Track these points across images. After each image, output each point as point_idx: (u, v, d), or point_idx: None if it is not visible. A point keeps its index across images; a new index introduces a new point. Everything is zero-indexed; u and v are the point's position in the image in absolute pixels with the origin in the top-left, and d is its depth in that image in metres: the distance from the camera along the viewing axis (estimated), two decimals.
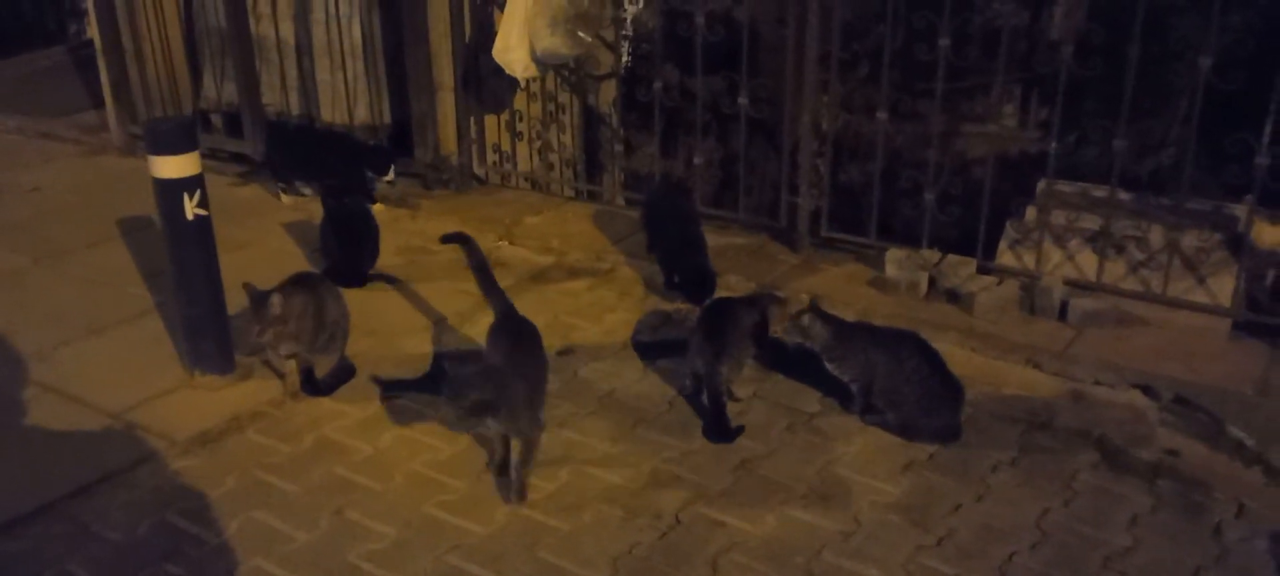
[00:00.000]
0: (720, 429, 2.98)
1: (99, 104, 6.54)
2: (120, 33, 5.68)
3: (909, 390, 2.98)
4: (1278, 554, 2.54)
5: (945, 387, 2.98)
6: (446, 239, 3.33)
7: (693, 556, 2.53)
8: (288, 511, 2.72)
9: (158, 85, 5.77)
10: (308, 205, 4.83)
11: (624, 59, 5.17)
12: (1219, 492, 2.76)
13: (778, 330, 3.20)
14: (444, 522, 2.67)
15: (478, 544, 2.59)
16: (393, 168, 4.76)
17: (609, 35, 4.77)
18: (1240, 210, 3.60)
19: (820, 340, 3.09)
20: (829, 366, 3.10)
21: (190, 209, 3.15)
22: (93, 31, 5.87)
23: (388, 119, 5.24)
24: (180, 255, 3.22)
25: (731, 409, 3.08)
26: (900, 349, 3.02)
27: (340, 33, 5.06)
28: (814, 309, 3.11)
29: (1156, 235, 3.54)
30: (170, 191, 3.14)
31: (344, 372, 3.34)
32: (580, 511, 2.70)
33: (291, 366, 3.25)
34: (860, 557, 2.53)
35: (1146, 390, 3.15)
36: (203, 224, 3.20)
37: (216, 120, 5.81)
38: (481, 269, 3.16)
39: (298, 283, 3.19)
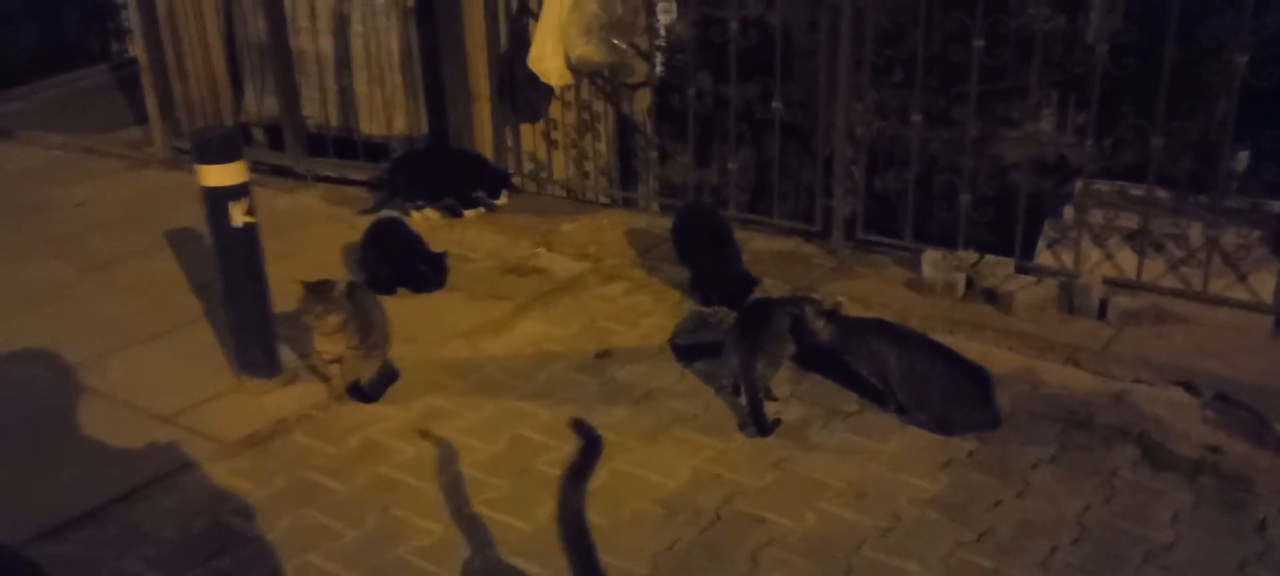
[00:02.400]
0: (758, 422, 3.00)
1: (141, 120, 6.69)
2: (164, 50, 5.80)
3: (930, 388, 3.01)
4: None
5: (969, 378, 3.01)
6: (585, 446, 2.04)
7: (733, 552, 2.56)
8: (336, 509, 2.77)
9: (200, 100, 5.89)
10: (350, 217, 4.90)
11: (658, 68, 5.22)
12: (1262, 489, 2.74)
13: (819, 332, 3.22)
14: (488, 521, 2.71)
15: (521, 540, 2.63)
16: (505, 193, 4.82)
17: (643, 43, 4.82)
18: None
19: (825, 335, 3.17)
20: (847, 360, 3.17)
21: (237, 216, 3.23)
22: (137, 50, 6.00)
23: (425, 129, 5.31)
24: (227, 262, 3.30)
25: (770, 408, 3.10)
26: (911, 350, 3.07)
27: (378, 45, 5.14)
28: (819, 307, 3.20)
29: (1195, 232, 3.53)
30: (217, 199, 3.21)
31: (387, 378, 3.39)
32: (620, 509, 2.74)
33: (335, 370, 3.31)
34: (900, 553, 2.54)
35: (1187, 387, 3.13)
36: (249, 231, 3.28)
37: (258, 133, 5.92)
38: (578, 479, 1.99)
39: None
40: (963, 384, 3.00)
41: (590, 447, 2.02)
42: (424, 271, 4.04)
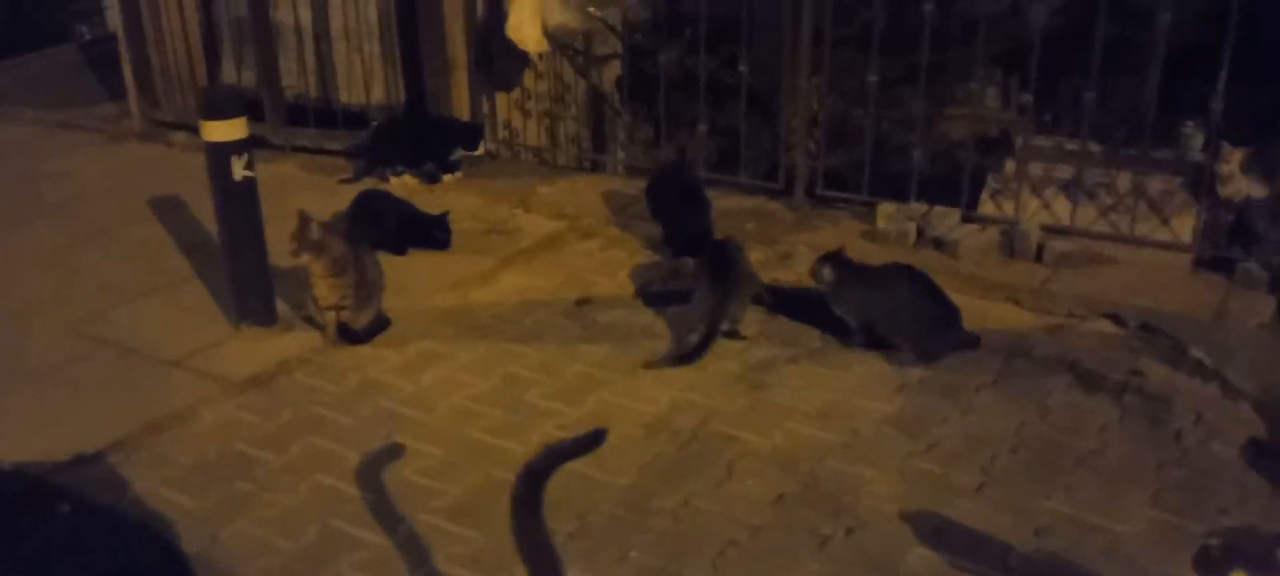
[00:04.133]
0: (700, 350, 3.31)
1: (112, 97, 6.80)
2: (143, 23, 5.93)
3: (911, 315, 3.28)
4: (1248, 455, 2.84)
5: (945, 307, 3.30)
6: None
7: (709, 464, 2.84)
8: (342, 437, 3.01)
9: (176, 73, 6.04)
10: (329, 185, 5.09)
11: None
12: (1180, 405, 3.06)
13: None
14: (486, 444, 2.96)
15: (518, 460, 2.83)
16: (481, 142, 5.06)
17: (613, 17, 5.07)
18: (1201, 154, 3.91)
19: (826, 283, 3.41)
20: (834, 308, 3.41)
21: (238, 170, 3.43)
22: (115, 23, 6.11)
23: (403, 99, 5.51)
24: (228, 214, 3.51)
25: (736, 346, 3.38)
26: (896, 283, 3.34)
27: (357, 16, 5.33)
28: (833, 257, 3.43)
29: (1123, 181, 3.87)
30: (220, 154, 3.42)
31: (380, 324, 3.62)
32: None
33: (331, 318, 3.52)
34: (859, 462, 2.83)
35: (1115, 319, 3.46)
36: (249, 185, 3.49)
37: None
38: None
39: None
40: (941, 313, 3.29)
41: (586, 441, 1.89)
42: (435, 234, 4.26)
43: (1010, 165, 4.09)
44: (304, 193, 5.08)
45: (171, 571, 2.52)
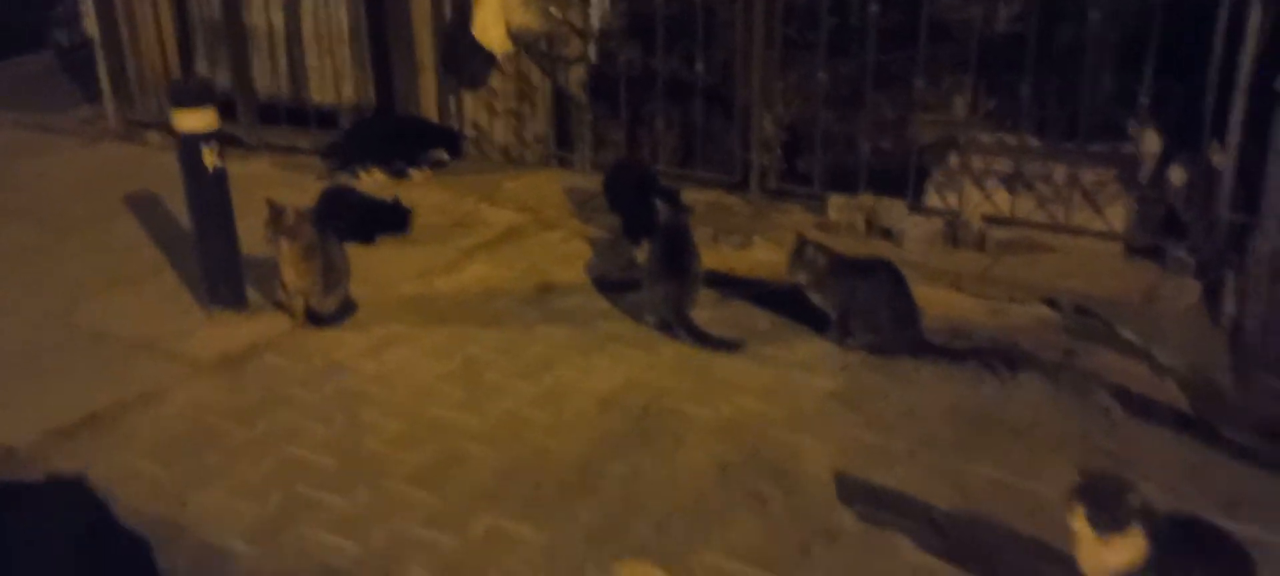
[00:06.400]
0: (698, 336, 3.44)
1: (90, 100, 6.88)
2: (118, 26, 6.04)
3: (884, 311, 3.37)
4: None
5: (911, 306, 3.41)
6: None
7: (659, 436, 2.97)
8: (308, 412, 3.13)
9: (152, 75, 6.14)
10: (300, 181, 5.20)
11: (591, 52, 5.61)
12: (1108, 381, 3.22)
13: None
14: (445, 419, 3.09)
15: (475, 432, 3.01)
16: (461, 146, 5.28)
17: (577, 20, 5.21)
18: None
19: (818, 272, 3.43)
20: (813, 297, 3.46)
21: (209, 159, 3.55)
22: (91, 26, 6.21)
23: (373, 98, 5.64)
24: (199, 202, 3.62)
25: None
26: (880, 276, 3.41)
27: (328, 19, 5.46)
28: (808, 243, 3.45)
29: (1060, 173, 4.04)
30: (191, 144, 3.53)
31: (347, 309, 3.74)
32: (561, 406, 3.14)
33: (298, 302, 3.64)
34: (801, 432, 2.98)
35: (1051, 303, 3.62)
36: (220, 174, 3.60)
37: None
38: None
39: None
40: (905, 310, 3.39)
41: None
42: (391, 218, 4.42)
43: (954, 159, 4.25)
44: (276, 188, 5.06)
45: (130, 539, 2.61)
